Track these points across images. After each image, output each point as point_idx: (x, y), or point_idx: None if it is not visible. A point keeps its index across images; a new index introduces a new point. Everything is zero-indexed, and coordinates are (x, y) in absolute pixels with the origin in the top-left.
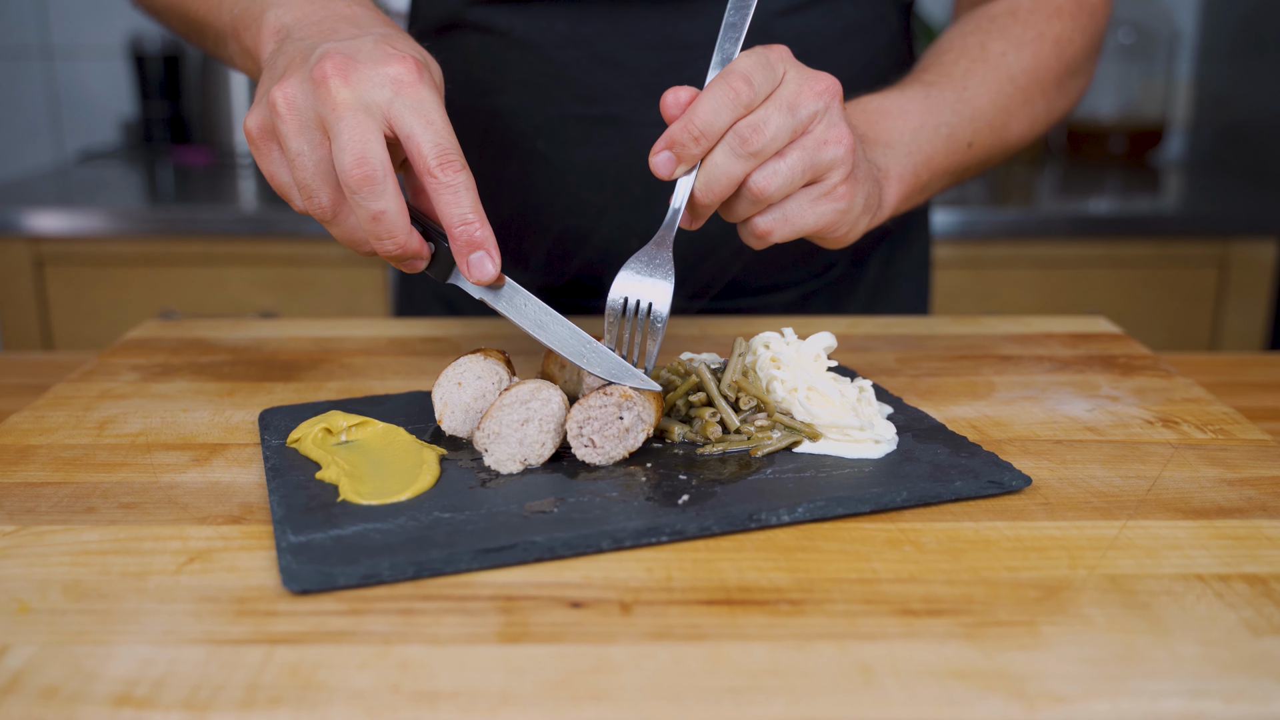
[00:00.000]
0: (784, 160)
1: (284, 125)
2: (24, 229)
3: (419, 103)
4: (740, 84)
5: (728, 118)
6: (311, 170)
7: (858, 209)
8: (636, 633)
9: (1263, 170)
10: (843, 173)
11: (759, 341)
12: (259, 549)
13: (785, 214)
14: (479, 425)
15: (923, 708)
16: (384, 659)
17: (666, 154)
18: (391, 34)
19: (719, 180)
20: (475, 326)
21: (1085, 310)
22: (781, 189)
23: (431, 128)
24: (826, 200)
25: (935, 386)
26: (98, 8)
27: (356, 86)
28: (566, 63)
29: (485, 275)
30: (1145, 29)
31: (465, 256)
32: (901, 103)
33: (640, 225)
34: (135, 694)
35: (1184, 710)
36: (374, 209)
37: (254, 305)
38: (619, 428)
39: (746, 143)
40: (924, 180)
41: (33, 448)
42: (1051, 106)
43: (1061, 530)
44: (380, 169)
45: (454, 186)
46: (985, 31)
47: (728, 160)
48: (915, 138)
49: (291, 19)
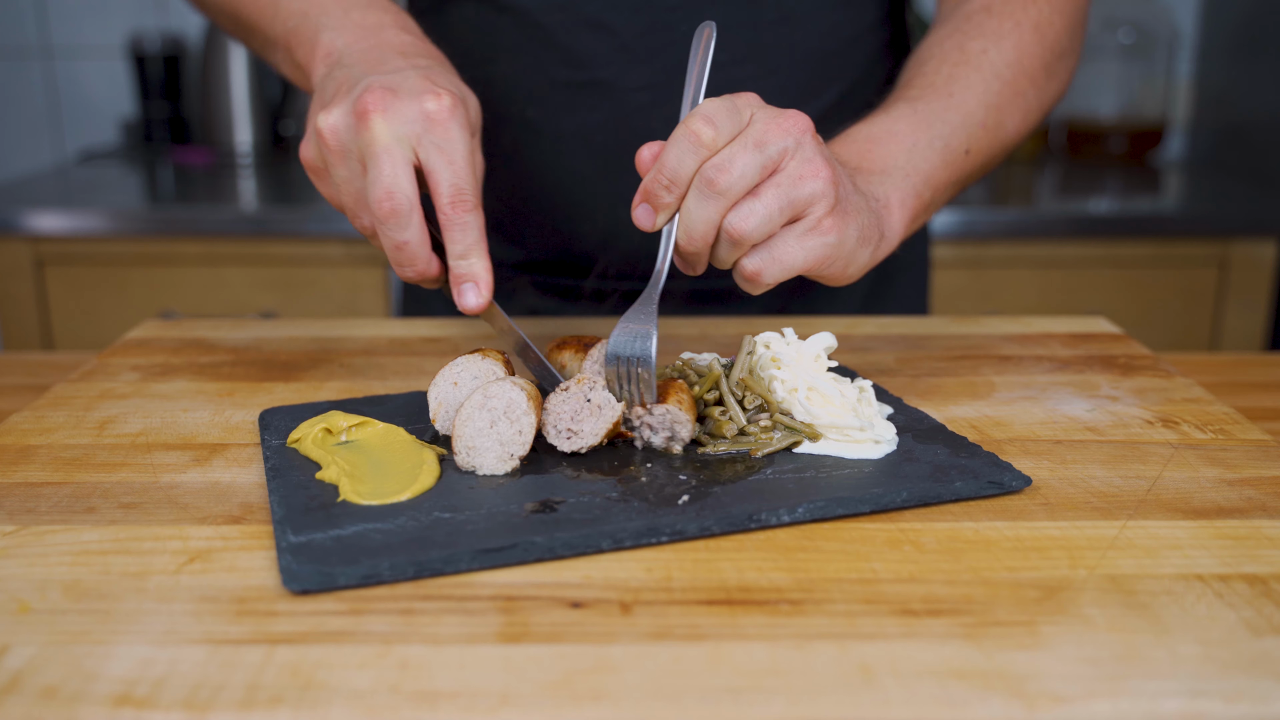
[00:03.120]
0: (759, 200)
1: (329, 155)
2: (24, 229)
3: (446, 141)
4: (701, 126)
5: (692, 162)
6: (353, 196)
7: (850, 242)
8: (636, 633)
9: (1263, 170)
10: (825, 206)
11: (759, 341)
12: (259, 549)
13: (772, 254)
14: (454, 449)
15: (923, 708)
16: (384, 659)
17: (644, 207)
18: (434, 67)
19: (696, 225)
20: (475, 327)
21: (1085, 310)
22: (759, 228)
23: (451, 167)
24: (813, 235)
25: (935, 386)
26: (98, 8)
27: (393, 121)
28: (553, 27)
29: (469, 305)
30: (1145, 29)
31: (457, 286)
32: (890, 125)
33: (631, 196)
34: (135, 694)
35: (1184, 710)
36: (398, 239)
37: (254, 305)
38: (590, 408)
39: (713, 183)
40: (927, 200)
41: (33, 448)
42: (1042, 94)
43: (1061, 530)
44: (405, 204)
45: (462, 224)
46: (963, 32)
47: (699, 204)
48: (910, 158)
49: (343, 44)
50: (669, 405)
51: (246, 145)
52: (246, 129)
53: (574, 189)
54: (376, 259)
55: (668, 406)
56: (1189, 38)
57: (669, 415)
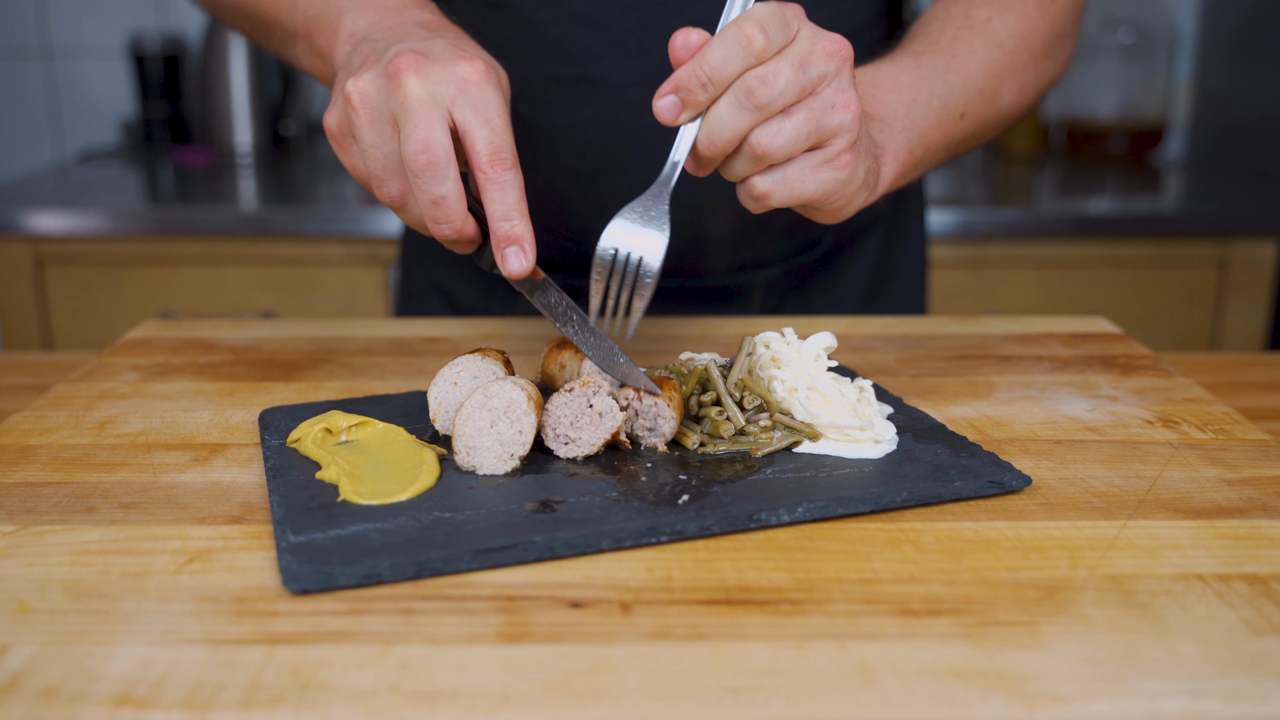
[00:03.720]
0: (789, 120)
1: (358, 119)
2: (24, 229)
3: (481, 101)
4: (755, 32)
5: (738, 65)
6: (382, 162)
7: (858, 181)
8: (636, 633)
9: (1263, 170)
10: (847, 140)
11: (759, 341)
12: (259, 549)
13: (785, 177)
14: (454, 450)
15: (923, 708)
16: (384, 659)
17: (671, 99)
18: (463, 39)
19: (722, 132)
20: (476, 326)
21: (1085, 310)
22: (784, 149)
23: (489, 125)
24: (829, 168)
25: (935, 386)
26: (98, 8)
27: (427, 81)
28: (544, 22)
29: (517, 269)
30: (1145, 29)
31: (502, 250)
32: (894, 74)
33: (623, 194)
34: (135, 694)
35: (1184, 710)
36: (434, 194)
37: (254, 305)
38: (591, 415)
39: (754, 94)
40: (918, 156)
41: (33, 448)
42: (1040, 71)
43: (1061, 530)
44: (442, 156)
45: (501, 183)
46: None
47: (732, 112)
48: (909, 112)
49: (367, 24)
50: (659, 400)
51: (246, 145)
52: (246, 129)
53: (567, 185)
54: (376, 259)
55: (656, 400)
56: (1189, 38)
57: (655, 409)
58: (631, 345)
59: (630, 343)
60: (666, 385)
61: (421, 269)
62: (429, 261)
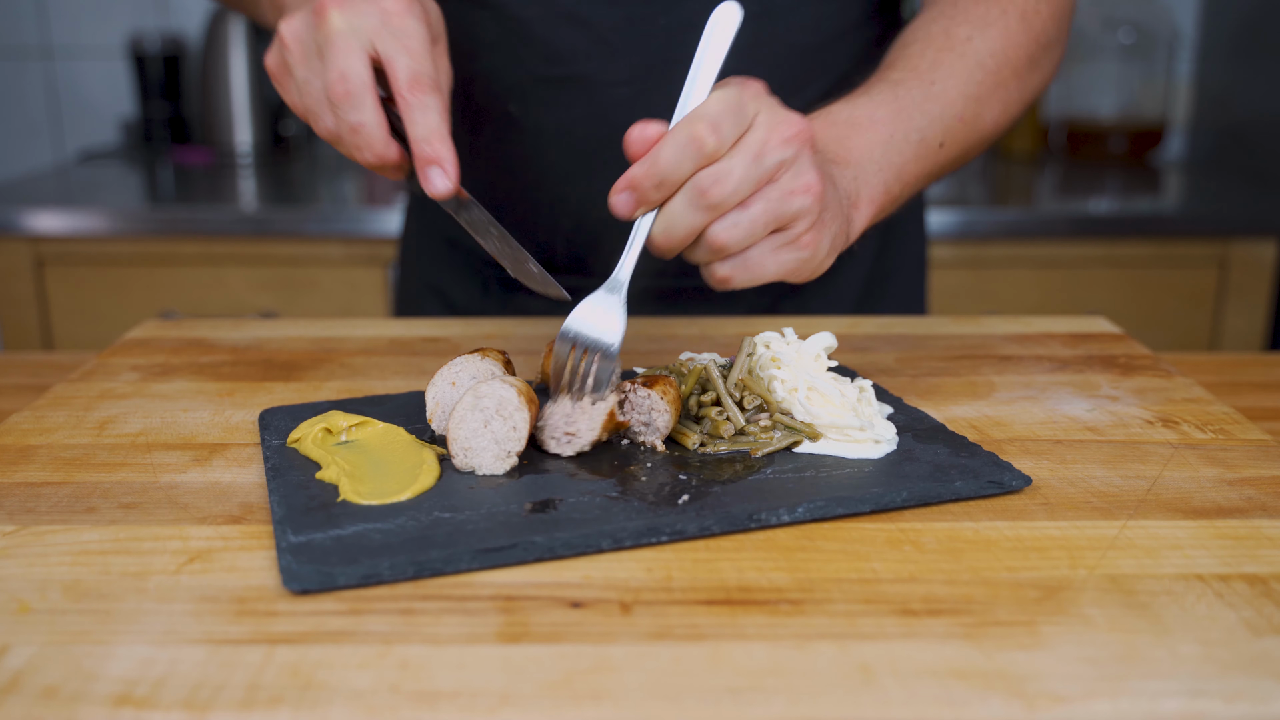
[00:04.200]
0: (746, 212)
1: (290, 56)
2: (24, 229)
3: (402, 30)
4: (706, 133)
5: (689, 167)
6: (315, 96)
7: (822, 253)
8: (636, 633)
9: (1263, 170)
10: (808, 222)
11: (759, 341)
12: (259, 549)
13: (745, 263)
14: (450, 452)
15: (923, 708)
16: (384, 659)
17: (627, 194)
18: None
19: (677, 229)
20: (475, 326)
21: (1085, 310)
22: (741, 241)
23: (408, 53)
24: (790, 249)
25: (935, 386)
26: (98, 8)
27: (349, 14)
28: (531, 21)
29: (441, 188)
30: (1145, 29)
31: (424, 170)
32: (870, 110)
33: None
34: (135, 694)
35: (1184, 710)
36: (353, 121)
37: (254, 305)
38: (583, 405)
39: (706, 194)
40: (895, 194)
41: (33, 448)
42: (1024, 86)
43: (1061, 530)
44: (358, 84)
45: (421, 106)
46: (949, 17)
47: (685, 210)
48: (886, 151)
49: None
50: (653, 391)
51: (246, 145)
52: (246, 129)
53: (555, 185)
54: (376, 259)
55: (650, 392)
56: (1189, 38)
57: (649, 401)
58: (632, 345)
59: (631, 343)
60: (661, 382)
61: (419, 269)
62: (426, 261)
